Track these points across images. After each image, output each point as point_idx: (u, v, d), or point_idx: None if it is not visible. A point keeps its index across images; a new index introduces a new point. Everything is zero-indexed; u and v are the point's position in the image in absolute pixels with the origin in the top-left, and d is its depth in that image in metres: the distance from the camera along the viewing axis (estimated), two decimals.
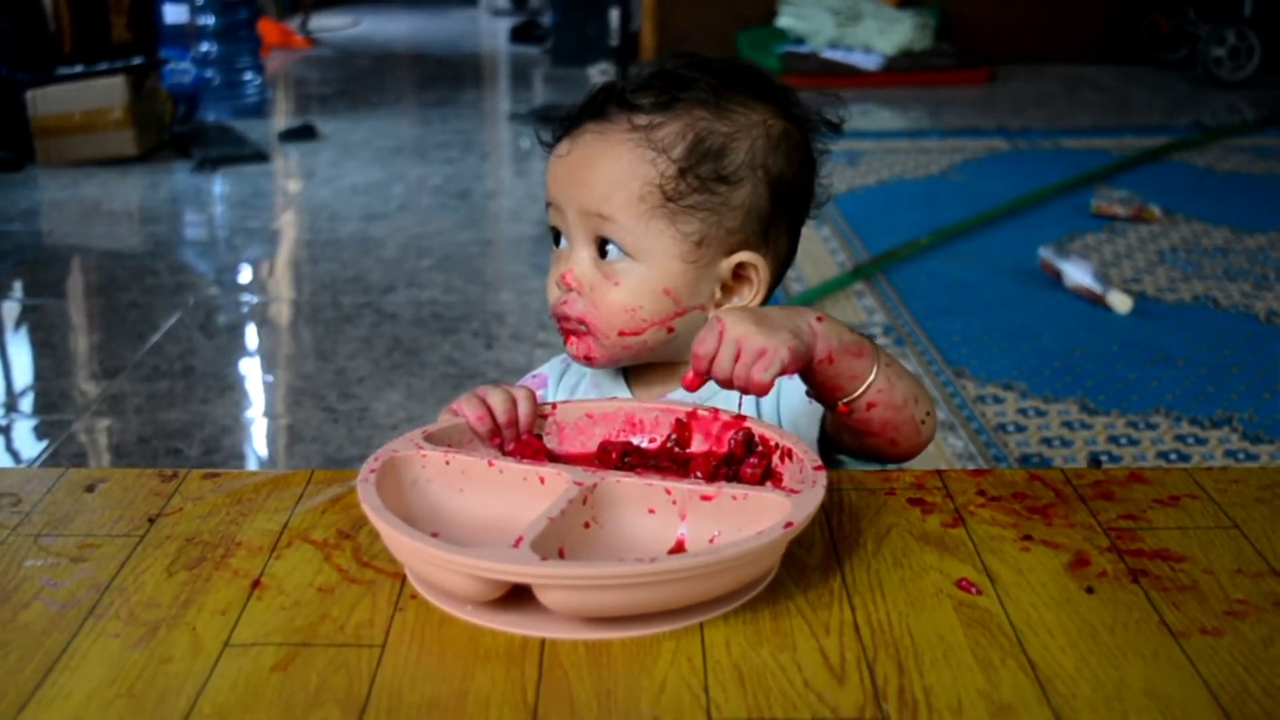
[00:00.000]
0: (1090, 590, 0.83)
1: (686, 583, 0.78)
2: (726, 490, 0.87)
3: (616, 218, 1.06)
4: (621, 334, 1.07)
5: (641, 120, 1.06)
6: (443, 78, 7.38)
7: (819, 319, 0.95)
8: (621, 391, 1.14)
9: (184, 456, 2.66)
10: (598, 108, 1.09)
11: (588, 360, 1.09)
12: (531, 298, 3.51)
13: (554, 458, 0.99)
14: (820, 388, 0.98)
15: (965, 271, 3.70)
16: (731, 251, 1.09)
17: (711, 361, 0.93)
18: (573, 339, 1.09)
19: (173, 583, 0.86)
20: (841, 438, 1.04)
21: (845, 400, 0.98)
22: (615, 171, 1.06)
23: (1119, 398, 2.82)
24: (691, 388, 0.95)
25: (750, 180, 1.08)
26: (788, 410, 1.08)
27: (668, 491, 0.88)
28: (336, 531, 0.92)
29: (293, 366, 3.22)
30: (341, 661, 0.76)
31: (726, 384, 0.93)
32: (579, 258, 1.08)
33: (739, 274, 1.09)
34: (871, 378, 0.97)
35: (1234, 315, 3.34)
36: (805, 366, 0.94)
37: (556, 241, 1.12)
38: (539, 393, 1.15)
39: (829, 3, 6.75)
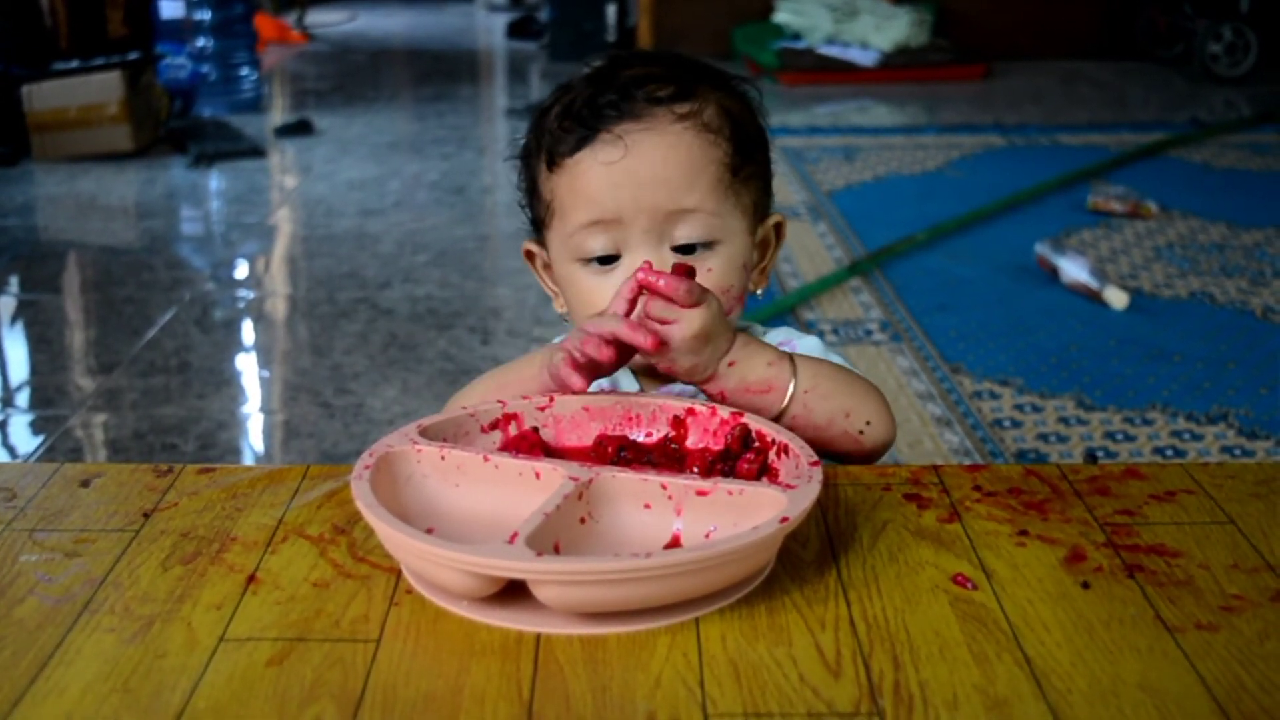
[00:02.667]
0: (1086, 585, 0.83)
1: (682, 578, 0.78)
2: (722, 485, 0.87)
3: (701, 206, 1.04)
4: None
5: (682, 109, 1.05)
6: (439, 73, 7.38)
7: (731, 364, 0.99)
8: (627, 379, 1.14)
9: (180, 452, 2.66)
10: (621, 108, 1.04)
11: None
12: (528, 293, 3.51)
13: (550, 452, 0.99)
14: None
15: (962, 267, 3.71)
16: (765, 214, 1.12)
17: (661, 292, 0.95)
18: None
19: (168, 578, 0.86)
20: None
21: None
22: (690, 161, 1.04)
23: (1115, 393, 2.83)
24: (637, 280, 0.96)
25: (764, 143, 1.12)
26: None
27: (663, 487, 0.88)
28: (332, 526, 0.92)
29: (289, 362, 3.22)
30: (337, 657, 0.76)
31: (630, 309, 0.96)
32: (658, 259, 1.04)
33: (765, 237, 1.13)
34: (777, 411, 1.00)
35: (1230, 311, 3.34)
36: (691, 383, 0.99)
37: (605, 261, 1.06)
38: None
39: None
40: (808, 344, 1.15)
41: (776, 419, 1.00)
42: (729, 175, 1.06)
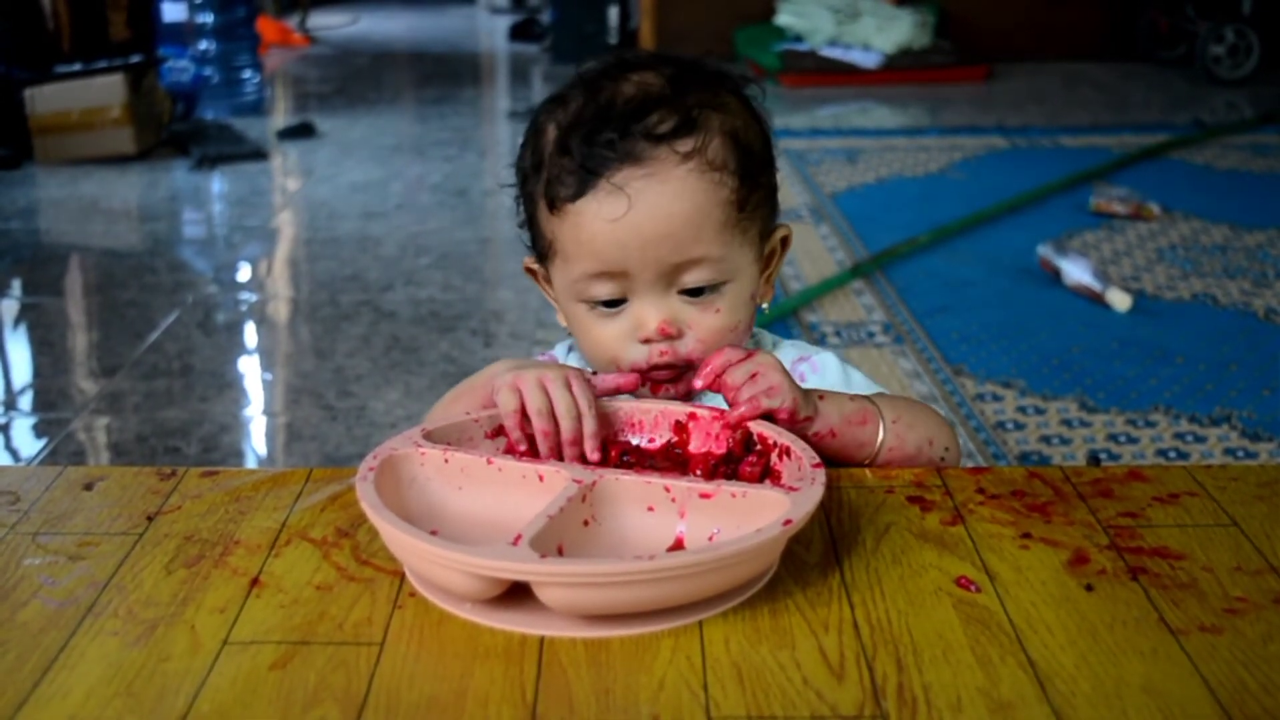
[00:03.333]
0: (1089, 588, 0.83)
1: (685, 580, 0.78)
2: (725, 488, 0.87)
3: (708, 255, 1.02)
4: None
5: (685, 146, 1.01)
6: (441, 75, 7.38)
7: (821, 397, 1.01)
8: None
9: (183, 455, 2.66)
10: (621, 150, 1.00)
11: (688, 396, 1.07)
12: (530, 295, 3.51)
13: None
14: (834, 458, 1.01)
15: (964, 269, 3.71)
16: (771, 229, 1.10)
17: (727, 368, 0.98)
18: (665, 387, 1.06)
19: (171, 581, 0.86)
20: None
21: (860, 465, 1.03)
22: (695, 209, 1.01)
23: (1118, 395, 2.82)
24: (703, 383, 0.99)
25: (770, 160, 1.09)
26: None
27: (667, 489, 0.88)
28: (335, 529, 0.92)
29: (291, 365, 3.22)
30: (340, 660, 0.76)
31: (731, 392, 0.98)
32: (665, 305, 1.03)
33: (770, 247, 1.11)
34: (878, 443, 1.02)
35: (1233, 313, 3.34)
36: (798, 428, 0.98)
37: (610, 304, 1.05)
38: None
39: (828, 0, 6.75)
40: (825, 359, 1.14)
41: (874, 458, 1.02)
42: (735, 213, 1.03)
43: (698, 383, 0.99)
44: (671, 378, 1.05)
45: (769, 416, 0.97)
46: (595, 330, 1.06)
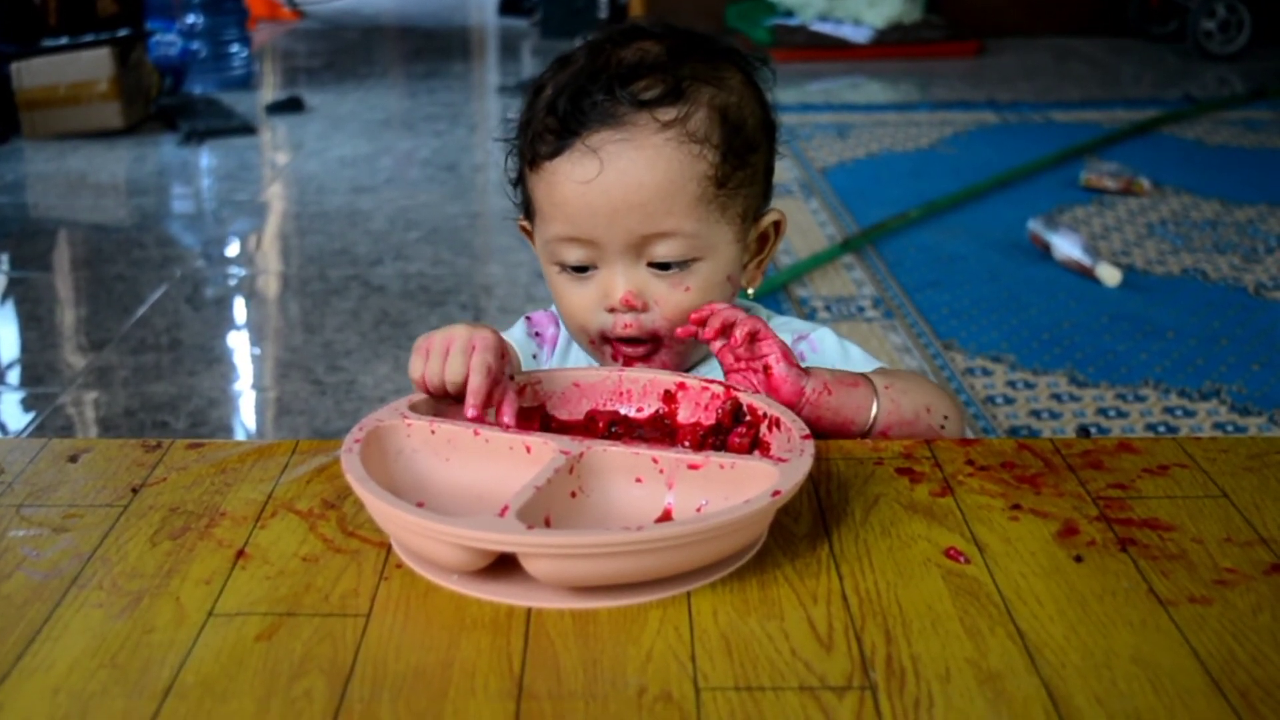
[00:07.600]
0: (1079, 559, 0.83)
1: (673, 551, 0.77)
2: (714, 459, 0.86)
3: (680, 229, 1.01)
4: None
5: (667, 115, 1.00)
6: (431, 50, 7.35)
7: (806, 361, 1.02)
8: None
9: (171, 429, 2.66)
10: (603, 111, 0.99)
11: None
12: (519, 270, 3.50)
13: (542, 426, 0.98)
14: (829, 429, 1.00)
15: (954, 244, 3.70)
16: (760, 214, 1.09)
17: (726, 326, 0.98)
18: (634, 364, 1.05)
19: (156, 553, 0.85)
20: None
21: (859, 435, 1.01)
22: (668, 179, 1.00)
23: (1108, 370, 2.82)
24: (685, 334, 1.00)
25: (763, 139, 1.07)
26: None
27: (655, 460, 0.87)
28: (321, 501, 0.92)
29: (280, 339, 3.21)
30: (326, 631, 0.76)
31: (730, 355, 0.99)
32: (634, 275, 1.03)
33: (763, 232, 1.10)
34: (875, 407, 1.01)
35: (1223, 288, 3.34)
36: (788, 369, 0.98)
37: (581, 269, 1.05)
38: (536, 350, 1.15)
39: None
40: (822, 335, 1.14)
41: (871, 426, 1.01)
42: (713, 189, 1.02)
43: (699, 333, 0.99)
44: (639, 352, 1.05)
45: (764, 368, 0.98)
46: (567, 294, 1.06)
